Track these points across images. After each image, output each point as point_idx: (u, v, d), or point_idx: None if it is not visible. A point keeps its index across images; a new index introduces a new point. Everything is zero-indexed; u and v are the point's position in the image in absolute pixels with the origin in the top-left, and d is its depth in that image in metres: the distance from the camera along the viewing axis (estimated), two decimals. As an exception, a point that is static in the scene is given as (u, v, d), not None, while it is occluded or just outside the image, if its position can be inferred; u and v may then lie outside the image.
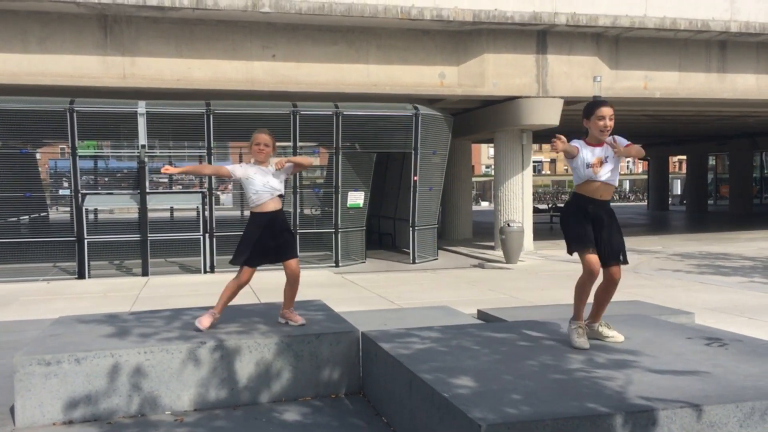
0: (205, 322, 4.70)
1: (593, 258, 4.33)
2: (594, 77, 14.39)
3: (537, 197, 47.19)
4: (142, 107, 13.24)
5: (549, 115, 15.50)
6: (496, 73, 15.08)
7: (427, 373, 3.53)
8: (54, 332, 4.65)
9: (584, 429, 2.86)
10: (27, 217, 16.52)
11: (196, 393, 4.29)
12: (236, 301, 5.15)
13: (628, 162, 69.53)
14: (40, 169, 29.14)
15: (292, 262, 4.89)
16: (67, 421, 4.07)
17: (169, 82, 13.54)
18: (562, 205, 33.83)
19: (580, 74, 15.32)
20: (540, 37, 15.12)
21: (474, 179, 50.31)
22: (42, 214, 18.18)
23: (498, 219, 16.35)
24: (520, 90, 15.29)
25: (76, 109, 12.90)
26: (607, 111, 4.36)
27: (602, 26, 14.78)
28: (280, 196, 4.95)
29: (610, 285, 4.43)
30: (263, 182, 4.84)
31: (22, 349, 4.28)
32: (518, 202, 16.48)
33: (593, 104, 4.47)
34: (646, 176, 39.43)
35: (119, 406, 4.15)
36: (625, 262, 4.43)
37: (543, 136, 27.97)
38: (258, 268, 4.92)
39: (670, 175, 42.37)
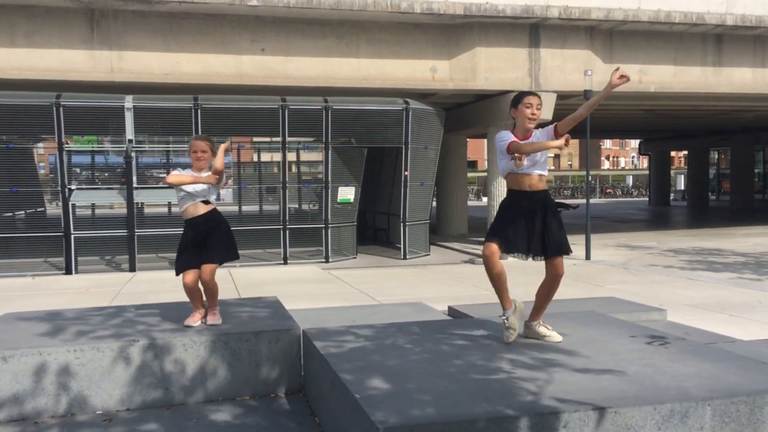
0: (191, 318, 4.76)
1: (491, 247, 4.19)
2: (585, 71, 14.20)
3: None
4: (129, 102, 13.22)
5: (542, 110, 15.30)
6: (488, 67, 14.91)
7: (347, 373, 3.44)
8: (-10, 329, 4.59)
9: (489, 431, 2.76)
10: (23, 212, 16.52)
11: (127, 392, 4.21)
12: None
13: (632, 157, 68.99)
14: (42, 164, 29.17)
15: (205, 267, 4.82)
16: (-6, 420, 4.02)
17: (157, 76, 13.48)
18: (560, 200, 33.50)
19: (573, 68, 15.12)
20: (532, 30, 14.93)
21: (477, 174, 50.13)
22: (39, 210, 18.18)
23: (491, 214, 16.20)
24: (513, 84, 15.10)
25: (63, 103, 12.88)
26: (534, 99, 4.27)
27: (595, 19, 14.58)
28: (205, 202, 4.88)
29: (554, 280, 4.31)
30: (191, 186, 4.82)
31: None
32: (512, 198, 16.31)
33: (521, 93, 4.37)
34: (648, 172, 39.13)
35: (47, 405, 4.09)
36: (568, 252, 4.30)
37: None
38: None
39: (673, 170, 42.02)
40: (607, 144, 78.09)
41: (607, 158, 79.03)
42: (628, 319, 5.61)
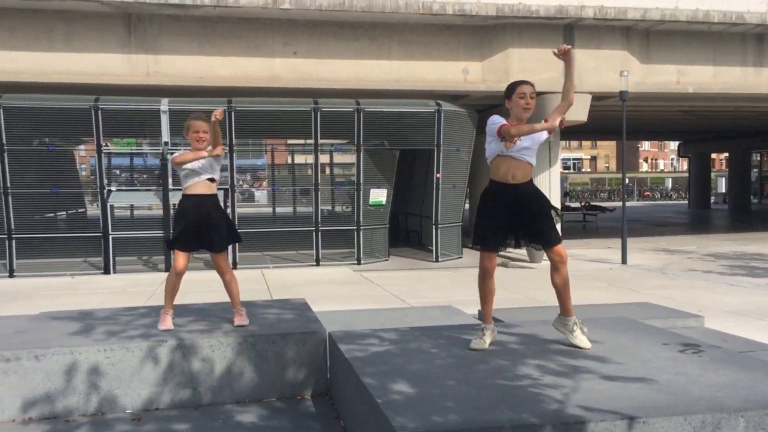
0: (166, 323, 4.68)
1: (490, 257, 4.22)
2: (621, 72, 13.97)
3: (575, 195, 46.33)
4: (165, 105, 13.42)
5: (576, 110, 15.09)
6: (521, 68, 14.76)
7: (370, 377, 3.42)
8: (24, 328, 4.69)
9: (512, 440, 2.71)
10: (64, 213, 16.88)
11: (156, 392, 4.26)
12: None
13: (671, 159, 67.63)
14: (83, 166, 29.75)
15: (217, 257, 4.84)
16: (27, 418, 4.08)
17: (192, 79, 13.67)
18: (596, 203, 33.06)
19: (608, 69, 14.89)
20: (567, 30, 14.75)
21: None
22: (80, 210, 18.57)
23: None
24: (546, 85, 14.88)
25: (101, 106, 13.14)
26: (527, 88, 4.17)
27: (631, 19, 14.35)
28: (211, 180, 4.86)
29: (560, 266, 4.20)
30: (195, 163, 4.79)
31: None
32: (545, 200, 16.14)
33: (514, 83, 4.27)
34: (688, 174, 38.33)
35: (78, 404, 4.15)
36: (559, 241, 4.25)
37: (572, 132, 27.25)
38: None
39: (714, 173, 41.10)
40: (646, 146, 76.77)
41: (646, 160, 77.74)
42: (663, 325, 5.48)
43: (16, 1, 12.33)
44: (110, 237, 13.55)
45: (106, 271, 13.44)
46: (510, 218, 4.17)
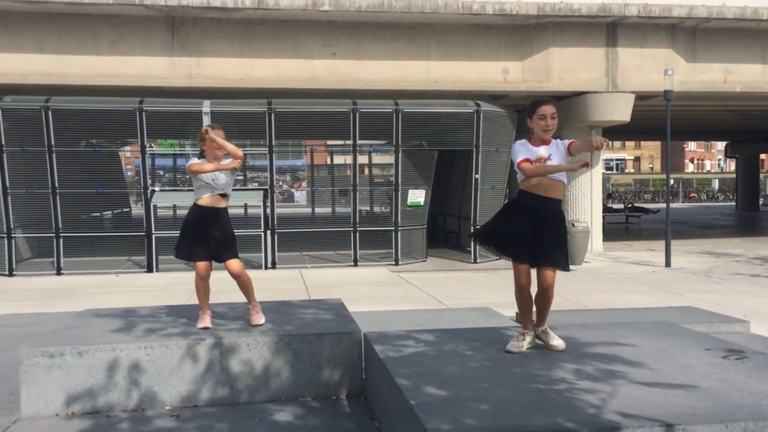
0: (204, 321, 4.77)
1: (527, 273, 4.17)
2: (665, 71, 13.68)
3: (618, 196, 45.56)
4: (206, 106, 13.62)
5: (619, 110, 14.88)
6: (562, 68, 14.61)
7: (404, 378, 3.42)
8: (68, 325, 4.81)
9: (546, 445, 2.68)
10: (110, 212, 17.28)
11: (194, 389, 4.33)
12: (275, 296, 5.14)
13: (719, 159, 65.97)
14: (129, 167, 30.44)
15: (230, 264, 4.85)
16: (70, 413, 4.19)
17: (233, 81, 13.86)
18: (640, 204, 32.45)
19: (652, 67, 14.62)
20: (609, 29, 14.53)
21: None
22: (125, 210, 18.97)
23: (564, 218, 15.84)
24: (588, 85, 14.74)
25: (145, 108, 13.40)
26: (547, 110, 4.11)
27: (677, 17, 14.06)
28: (223, 195, 4.87)
29: (541, 292, 4.18)
30: (211, 176, 4.80)
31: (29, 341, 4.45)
32: (586, 202, 15.92)
33: (534, 103, 4.22)
34: (735, 175, 37.31)
35: (119, 399, 4.24)
36: (564, 268, 4.16)
37: (616, 132, 26.79)
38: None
39: (762, 174, 39.93)
40: (692, 146, 75.08)
41: (691, 161, 76.03)
42: (707, 330, 5.36)
43: (64, 6, 12.67)
44: (153, 236, 13.81)
45: (149, 270, 13.71)
46: (533, 228, 4.11)
